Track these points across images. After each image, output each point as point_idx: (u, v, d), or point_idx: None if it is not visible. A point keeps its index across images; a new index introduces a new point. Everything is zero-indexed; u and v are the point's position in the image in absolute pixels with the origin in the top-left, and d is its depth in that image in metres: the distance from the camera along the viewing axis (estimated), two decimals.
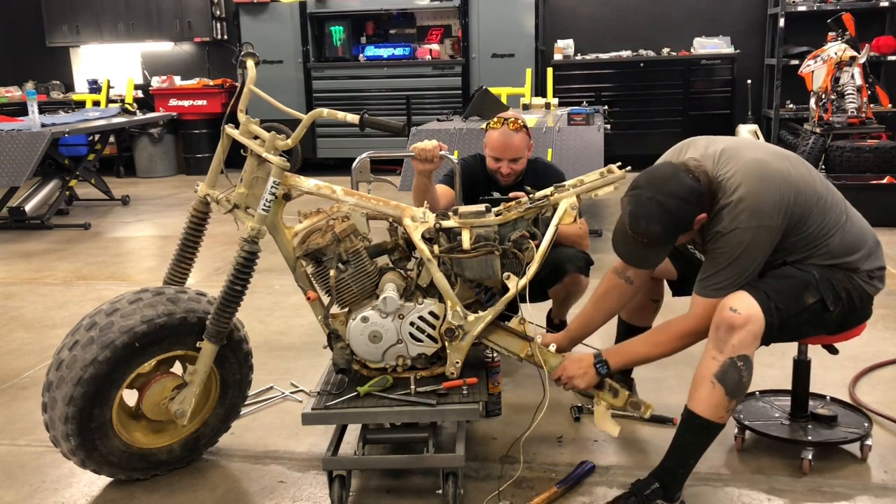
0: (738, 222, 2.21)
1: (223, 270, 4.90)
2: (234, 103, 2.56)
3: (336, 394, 2.44)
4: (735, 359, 2.20)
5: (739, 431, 2.70)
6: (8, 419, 3.09)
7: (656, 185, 2.24)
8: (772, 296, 2.24)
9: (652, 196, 2.21)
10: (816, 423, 2.68)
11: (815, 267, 2.31)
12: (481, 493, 2.45)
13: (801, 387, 2.70)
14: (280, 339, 3.89)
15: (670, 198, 2.20)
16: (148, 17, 9.65)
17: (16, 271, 5.37)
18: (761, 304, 2.22)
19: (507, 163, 3.25)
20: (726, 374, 2.21)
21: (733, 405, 2.24)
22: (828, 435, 2.63)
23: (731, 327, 2.20)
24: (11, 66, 10.28)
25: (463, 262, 2.46)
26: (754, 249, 2.23)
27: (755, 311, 2.21)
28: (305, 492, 2.51)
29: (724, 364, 2.21)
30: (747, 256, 2.24)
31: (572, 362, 2.53)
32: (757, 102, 8.93)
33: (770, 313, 2.22)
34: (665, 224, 2.22)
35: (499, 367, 2.60)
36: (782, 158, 2.33)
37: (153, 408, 2.50)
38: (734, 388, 2.21)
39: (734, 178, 2.23)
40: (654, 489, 2.28)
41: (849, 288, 2.32)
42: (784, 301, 2.25)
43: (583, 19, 9.37)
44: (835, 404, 2.82)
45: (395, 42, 9.16)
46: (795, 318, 2.28)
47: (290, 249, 2.51)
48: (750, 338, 2.21)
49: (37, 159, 6.18)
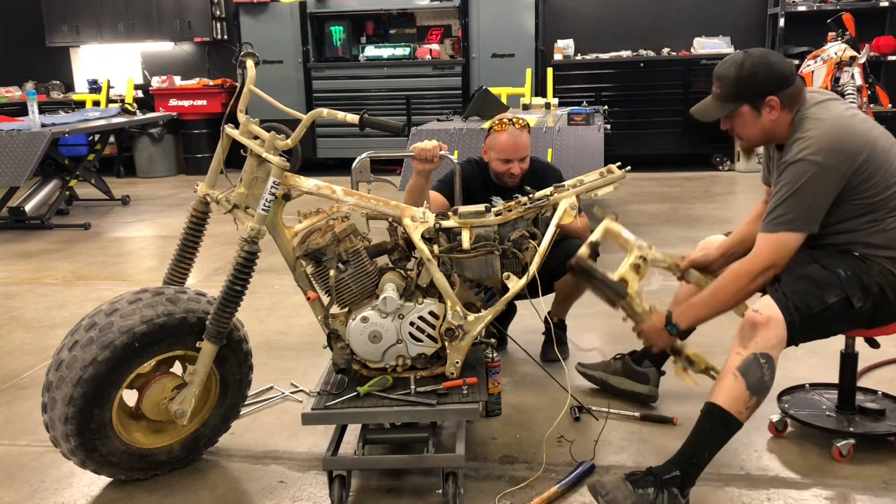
0: (804, 153, 2.29)
1: (223, 270, 4.90)
2: (234, 103, 2.56)
3: (336, 394, 2.44)
4: (758, 355, 2.26)
5: (781, 421, 2.76)
6: (8, 419, 3.09)
7: (763, 50, 2.43)
8: (790, 295, 2.31)
9: (751, 53, 2.38)
10: (863, 416, 2.70)
11: (847, 262, 2.37)
12: (481, 493, 2.45)
13: (847, 380, 2.72)
14: (280, 339, 3.89)
15: (764, 59, 2.38)
16: (148, 17, 9.66)
17: (16, 271, 5.37)
18: (779, 303, 2.29)
19: (517, 163, 3.25)
20: (749, 367, 2.25)
21: (753, 402, 2.26)
22: (872, 427, 2.66)
23: (754, 325, 2.28)
24: (11, 66, 10.29)
25: (463, 262, 2.46)
26: (816, 185, 2.29)
27: (775, 312, 2.28)
28: (305, 492, 2.51)
29: (746, 358, 2.26)
30: (809, 191, 2.29)
31: (649, 326, 2.58)
32: None
33: (789, 311, 2.29)
34: (740, 71, 2.37)
35: (499, 367, 2.60)
36: (876, 126, 2.42)
37: (153, 408, 2.50)
38: (755, 384, 2.25)
39: (818, 119, 2.35)
40: (674, 476, 2.26)
41: (883, 283, 2.36)
42: (803, 300, 2.31)
43: (583, 19, 9.37)
44: (887, 399, 2.84)
45: (395, 42, 9.16)
46: (818, 317, 2.33)
47: (289, 249, 2.51)
48: (773, 338, 2.27)
49: (37, 159, 6.18)
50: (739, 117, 2.43)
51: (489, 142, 3.32)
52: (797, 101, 2.41)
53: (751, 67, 2.38)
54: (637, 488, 2.23)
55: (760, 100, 2.38)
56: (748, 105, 2.40)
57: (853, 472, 2.52)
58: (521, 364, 3.38)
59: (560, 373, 3.15)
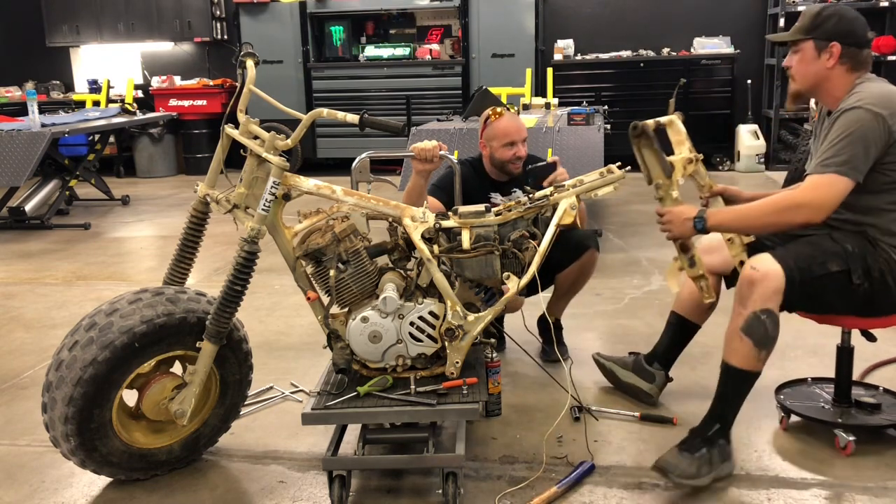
0: (860, 102, 2.37)
1: (223, 270, 4.90)
2: (234, 103, 2.55)
3: (336, 394, 2.44)
4: (758, 312, 2.35)
5: (784, 413, 2.80)
6: (8, 419, 3.09)
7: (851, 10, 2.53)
8: (792, 255, 2.41)
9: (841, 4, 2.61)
10: (859, 409, 2.73)
11: (856, 240, 2.43)
12: (481, 493, 2.45)
13: (843, 374, 2.76)
14: (280, 339, 3.89)
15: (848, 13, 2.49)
16: (148, 17, 9.65)
17: (16, 271, 5.37)
18: (780, 261, 2.37)
19: (521, 145, 3.26)
20: (751, 326, 2.36)
21: (764, 355, 2.39)
22: (864, 420, 2.68)
23: (751, 283, 2.37)
24: (11, 66, 10.29)
25: (463, 262, 2.46)
26: (866, 132, 2.35)
27: (773, 268, 2.36)
28: (305, 492, 2.51)
29: (748, 318, 2.36)
30: (859, 136, 2.34)
31: (678, 211, 2.58)
32: (757, 102, 8.94)
33: (789, 268, 2.37)
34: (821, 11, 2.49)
35: (499, 367, 2.60)
36: None
37: (153, 408, 2.50)
38: (761, 339, 2.36)
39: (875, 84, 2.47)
40: (716, 429, 2.46)
41: (885, 269, 2.42)
42: (805, 262, 2.40)
43: (583, 19, 9.37)
44: (888, 395, 2.86)
45: (395, 42, 9.16)
46: (818, 282, 2.41)
47: (289, 249, 2.51)
48: (769, 292, 2.35)
49: (37, 159, 6.18)
50: (801, 52, 2.53)
51: (488, 133, 3.31)
52: (859, 65, 2.50)
53: (831, 12, 2.49)
54: (694, 452, 2.42)
55: (825, 42, 2.47)
56: (813, 42, 2.49)
57: (853, 473, 2.52)
58: (521, 364, 3.38)
59: (560, 373, 3.16)
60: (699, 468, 2.40)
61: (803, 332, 3.37)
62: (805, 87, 2.57)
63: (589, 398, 3.07)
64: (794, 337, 3.46)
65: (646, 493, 2.44)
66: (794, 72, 2.57)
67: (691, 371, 3.26)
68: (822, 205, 2.35)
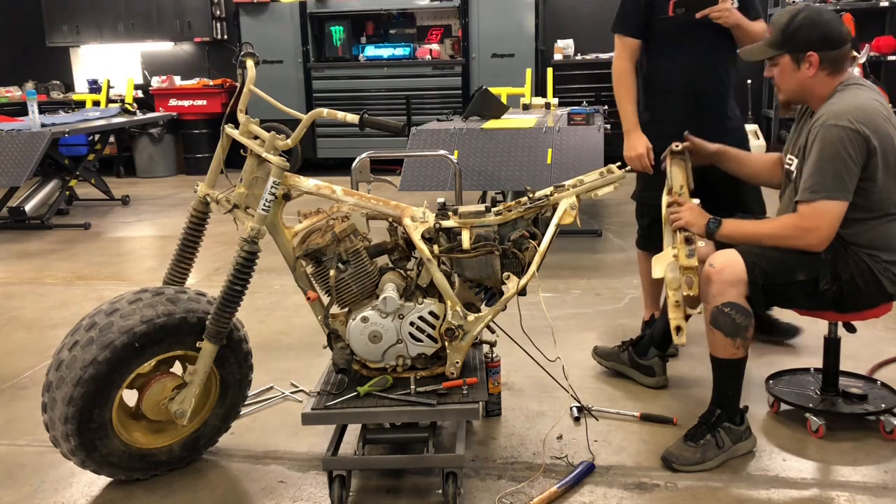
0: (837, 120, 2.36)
1: (223, 270, 4.90)
2: (234, 103, 2.56)
3: (336, 394, 2.44)
4: (720, 306, 2.44)
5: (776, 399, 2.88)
6: (8, 419, 3.09)
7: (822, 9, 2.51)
8: (760, 260, 2.44)
9: (810, 7, 2.47)
10: (845, 399, 2.78)
11: (830, 246, 2.43)
12: (481, 493, 2.45)
13: (831, 363, 2.81)
14: (280, 339, 3.89)
15: (818, 16, 2.45)
16: (148, 17, 9.65)
17: (16, 271, 5.37)
18: (746, 262, 2.43)
19: None
20: (716, 319, 2.46)
21: (739, 342, 2.47)
22: (843, 408, 2.74)
23: (708, 280, 2.46)
24: (11, 66, 10.28)
25: (463, 262, 2.46)
26: (847, 149, 2.34)
27: (731, 260, 2.44)
28: (305, 492, 2.51)
29: (712, 313, 2.46)
30: (842, 157, 2.34)
31: (696, 206, 2.60)
32: (757, 102, 8.92)
33: (753, 272, 2.43)
34: (790, 22, 2.45)
35: (499, 367, 2.60)
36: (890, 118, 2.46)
37: (153, 408, 2.50)
38: (730, 331, 2.45)
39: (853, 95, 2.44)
40: (719, 415, 2.55)
41: (855, 272, 2.44)
42: (772, 267, 2.43)
43: (583, 19, 9.37)
44: (883, 389, 2.89)
45: (395, 42, 9.16)
46: (782, 288, 2.47)
47: (289, 249, 2.51)
48: (725, 286, 2.42)
49: (37, 159, 6.18)
50: (780, 66, 2.53)
51: None
52: (840, 67, 2.47)
53: (801, 21, 2.46)
54: (698, 441, 2.51)
55: (801, 53, 2.46)
56: (789, 56, 2.48)
57: (853, 473, 2.52)
58: (521, 365, 3.38)
59: (560, 373, 3.16)
60: (703, 454, 2.50)
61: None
62: (792, 97, 2.59)
63: (589, 398, 3.08)
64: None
65: (646, 493, 2.44)
66: (777, 83, 2.58)
67: (691, 371, 3.26)
68: (823, 228, 2.39)
